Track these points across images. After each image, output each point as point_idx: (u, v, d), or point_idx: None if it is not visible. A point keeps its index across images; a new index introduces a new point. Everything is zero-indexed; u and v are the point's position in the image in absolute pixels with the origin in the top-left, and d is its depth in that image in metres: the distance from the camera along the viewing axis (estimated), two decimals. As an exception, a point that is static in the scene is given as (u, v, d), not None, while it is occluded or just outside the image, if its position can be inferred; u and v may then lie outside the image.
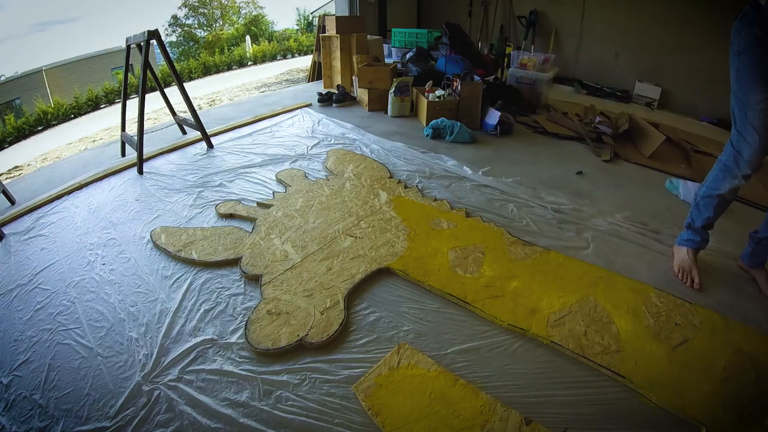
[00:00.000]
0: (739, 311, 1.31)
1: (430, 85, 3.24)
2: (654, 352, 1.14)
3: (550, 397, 1.03)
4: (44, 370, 1.14)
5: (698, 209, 1.48)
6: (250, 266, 1.49)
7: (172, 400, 1.03)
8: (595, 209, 1.92)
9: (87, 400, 1.04)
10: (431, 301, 1.35)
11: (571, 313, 1.27)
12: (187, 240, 1.66)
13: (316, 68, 5.22)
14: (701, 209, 1.47)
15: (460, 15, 5.62)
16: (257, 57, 14.87)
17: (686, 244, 1.52)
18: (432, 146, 2.69)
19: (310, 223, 1.76)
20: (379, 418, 0.96)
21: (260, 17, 20.38)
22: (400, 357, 1.12)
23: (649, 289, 1.38)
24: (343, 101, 3.70)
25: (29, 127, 9.96)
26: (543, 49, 4.94)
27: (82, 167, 2.62)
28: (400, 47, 4.91)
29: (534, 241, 1.65)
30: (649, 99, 4.20)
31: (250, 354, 1.16)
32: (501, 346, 1.18)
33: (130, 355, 1.17)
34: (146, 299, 1.38)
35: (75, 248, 1.69)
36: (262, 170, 2.34)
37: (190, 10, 19.31)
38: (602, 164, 2.49)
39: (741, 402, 1.00)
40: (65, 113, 10.55)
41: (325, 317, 1.25)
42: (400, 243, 1.61)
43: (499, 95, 3.34)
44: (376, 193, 2.01)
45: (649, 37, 4.17)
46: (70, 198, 2.16)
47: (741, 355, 1.13)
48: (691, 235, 1.51)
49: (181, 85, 2.60)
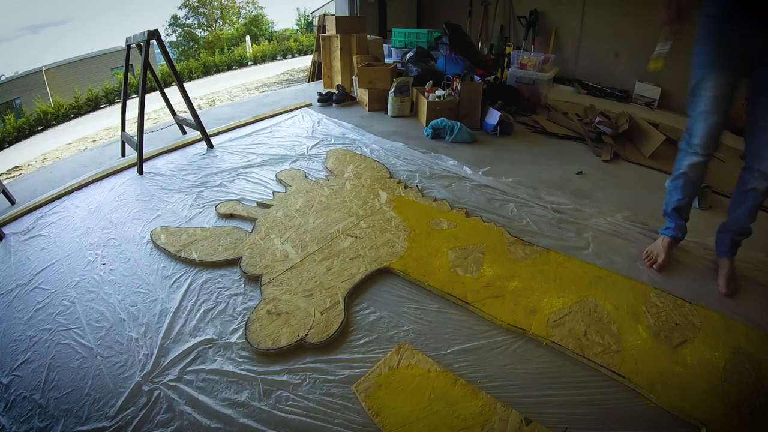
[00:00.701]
0: (739, 311, 1.31)
1: (430, 85, 3.24)
2: (654, 352, 1.14)
3: (550, 397, 1.03)
4: (44, 370, 1.14)
5: (669, 194, 1.57)
6: (250, 266, 1.49)
7: (172, 400, 1.03)
8: (595, 209, 1.92)
9: (87, 400, 1.04)
10: (431, 301, 1.35)
11: (571, 313, 1.27)
12: (187, 240, 1.66)
13: (316, 68, 5.22)
14: (671, 192, 1.56)
15: (460, 15, 5.62)
16: (257, 57, 14.88)
17: (663, 232, 1.60)
18: (432, 146, 2.69)
19: (310, 223, 1.76)
20: (379, 418, 0.96)
21: (260, 17, 20.39)
22: (400, 357, 1.12)
23: (649, 289, 1.38)
24: (343, 101, 3.70)
25: (29, 127, 9.97)
26: (543, 49, 4.94)
27: (82, 167, 2.62)
28: (400, 47, 4.91)
29: (534, 241, 1.66)
30: (649, 99, 4.20)
31: (250, 354, 1.16)
32: (501, 346, 1.18)
33: (130, 355, 1.17)
34: (146, 299, 1.38)
35: (75, 248, 1.69)
36: (262, 170, 2.34)
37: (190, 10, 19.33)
38: (602, 164, 2.49)
39: (741, 402, 1.00)
40: (65, 113, 10.56)
41: (325, 317, 1.25)
42: (400, 243, 1.61)
43: (499, 95, 3.34)
44: (376, 193, 2.01)
45: (649, 37, 4.16)
46: (70, 198, 2.16)
47: (741, 355, 1.13)
48: (667, 222, 1.60)
49: (181, 85, 2.60)
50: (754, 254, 1.62)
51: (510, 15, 5.33)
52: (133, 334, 1.24)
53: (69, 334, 1.25)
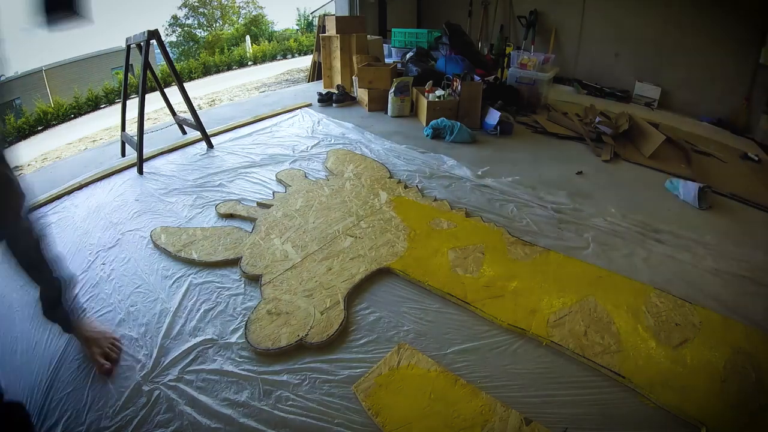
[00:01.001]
0: (739, 311, 1.31)
1: (430, 85, 3.24)
2: (654, 352, 1.14)
3: (550, 397, 1.03)
4: (45, 369, 1.13)
5: None
6: (250, 266, 1.49)
7: (172, 400, 1.03)
8: (595, 209, 1.92)
9: (87, 400, 1.04)
10: (431, 301, 1.35)
11: (571, 313, 1.27)
12: (187, 240, 1.66)
13: (316, 68, 5.22)
14: None
15: (460, 15, 5.62)
16: (257, 57, 14.88)
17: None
18: (432, 146, 2.69)
19: (310, 223, 1.76)
20: (379, 418, 0.96)
21: (260, 17, 20.39)
22: (400, 357, 1.12)
23: (649, 289, 1.38)
24: (343, 101, 3.70)
25: (29, 127, 9.96)
26: (543, 49, 4.94)
27: (82, 167, 2.61)
28: (400, 47, 4.91)
29: (534, 241, 1.66)
30: (649, 99, 4.20)
31: (250, 354, 1.16)
32: (501, 346, 1.18)
33: (129, 355, 1.16)
34: (146, 299, 1.38)
35: (75, 248, 1.69)
36: (262, 170, 2.34)
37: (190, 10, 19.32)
38: (602, 164, 2.49)
39: (741, 402, 1.00)
40: (65, 113, 10.55)
41: (325, 317, 1.25)
42: (400, 243, 1.61)
43: (499, 95, 3.34)
44: (376, 193, 2.01)
45: (649, 37, 4.17)
46: (70, 198, 2.16)
47: (741, 355, 1.13)
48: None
49: (181, 85, 2.60)
50: (753, 253, 1.62)
51: (510, 15, 5.33)
52: (133, 334, 1.24)
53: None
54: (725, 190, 2.18)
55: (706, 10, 3.75)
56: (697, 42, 3.83)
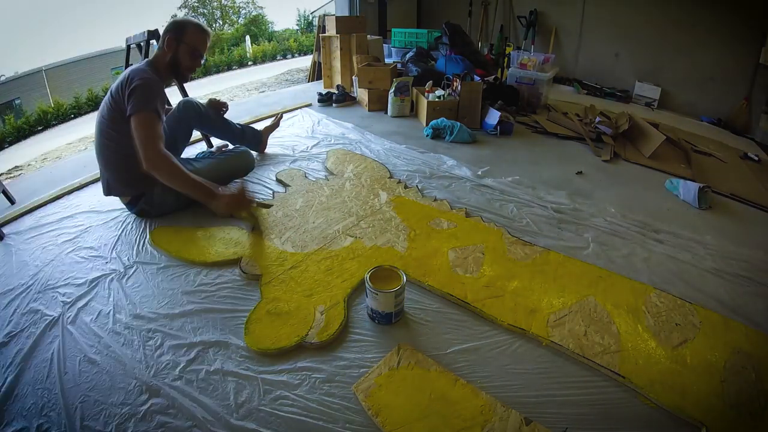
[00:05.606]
0: (739, 311, 1.31)
1: (430, 85, 3.24)
2: (654, 352, 1.14)
3: (550, 397, 1.03)
4: (44, 369, 1.13)
5: None
6: (250, 266, 1.49)
7: (172, 400, 1.03)
8: (595, 209, 1.92)
9: (86, 400, 1.04)
10: (431, 301, 1.35)
11: (571, 313, 1.27)
12: (187, 240, 1.66)
13: (316, 68, 5.22)
14: None
15: (460, 15, 5.63)
16: (257, 57, 14.89)
17: None
18: (432, 146, 2.69)
19: (310, 223, 1.76)
20: (379, 418, 0.96)
21: (260, 17, 20.40)
22: (400, 357, 1.12)
23: (649, 289, 1.38)
24: (343, 101, 3.70)
25: (29, 127, 9.96)
26: (543, 49, 4.95)
27: (82, 167, 2.62)
28: (400, 47, 4.91)
29: (534, 241, 1.66)
30: (649, 99, 4.21)
31: (249, 354, 1.16)
32: (501, 346, 1.18)
33: (130, 355, 1.16)
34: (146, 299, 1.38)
35: (75, 248, 1.68)
36: (262, 170, 2.34)
37: (190, 10, 19.33)
38: (602, 164, 2.49)
39: (741, 402, 1.00)
40: (65, 113, 10.56)
41: (325, 317, 1.25)
42: (400, 243, 1.61)
43: (499, 95, 3.34)
44: (376, 193, 2.01)
45: (649, 37, 4.18)
46: (70, 198, 2.16)
47: (741, 355, 1.13)
48: None
49: (182, 85, 2.59)
50: (753, 253, 1.62)
51: (510, 15, 5.34)
52: (133, 334, 1.23)
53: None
54: (725, 190, 2.18)
55: (706, 10, 3.75)
56: (697, 42, 3.83)
